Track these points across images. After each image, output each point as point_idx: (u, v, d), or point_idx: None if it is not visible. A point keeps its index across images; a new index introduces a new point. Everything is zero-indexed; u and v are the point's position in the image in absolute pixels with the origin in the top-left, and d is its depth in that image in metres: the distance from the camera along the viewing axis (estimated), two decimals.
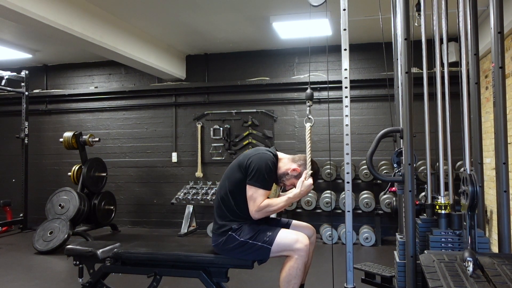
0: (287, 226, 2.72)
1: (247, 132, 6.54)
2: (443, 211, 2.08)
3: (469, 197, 1.87)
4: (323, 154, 6.16)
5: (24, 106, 6.77)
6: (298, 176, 2.61)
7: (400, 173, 2.25)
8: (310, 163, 2.62)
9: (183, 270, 2.66)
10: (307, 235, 2.57)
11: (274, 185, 2.71)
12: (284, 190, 2.77)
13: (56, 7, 4.20)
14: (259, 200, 2.45)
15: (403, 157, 2.20)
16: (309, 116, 2.72)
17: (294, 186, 2.62)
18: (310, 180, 2.57)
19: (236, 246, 2.48)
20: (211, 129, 6.71)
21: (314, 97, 6.33)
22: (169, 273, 2.70)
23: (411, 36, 2.18)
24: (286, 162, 2.66)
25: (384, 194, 5.52)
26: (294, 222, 2.78)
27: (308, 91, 2.73)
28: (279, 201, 2.51)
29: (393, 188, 2.54)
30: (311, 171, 2.60)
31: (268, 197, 2.52)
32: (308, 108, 2.73)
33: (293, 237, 2.44)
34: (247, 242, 2.46)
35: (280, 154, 2.70)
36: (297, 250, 2.39)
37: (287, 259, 2.44)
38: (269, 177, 2.52)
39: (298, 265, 2.39)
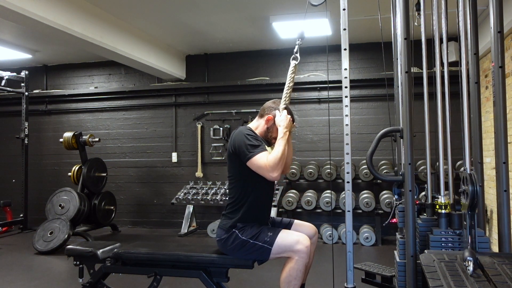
0: (289, 225, 2.71)
1: None
2: (443, 211, 2.08)
3: (469, 196, 1.87)
4: (323, 154, 6.17)
5: (24, 106, 6.77)
6: None
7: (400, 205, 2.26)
8: (284, 100, 2.63)
9: (183, 270, 2.66)
10: (309, 235, 2.57)
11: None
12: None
13: (56, 7, 4.20)
14: (263, 162, 2.39)
15: (403, 156, 2.20)
16: (296, 55, 2.81)
17: None
18: (284, 112, 2.59)
19: (237, 244, 2.48)
20: (211, 129, 6.71)
21: (314, 97, 6.34)
22: (170, 273, 2.70)
23: (411, 35, 2.18)
24: (258, 124, 2.67)
25: (385, 224, 5.45)
26: (296, 221, 2.77)
27: (301, 30, 2.84)
28: (277, 148, 2.46)
29: (394, 220, 2.52)
30: (284, 106, 2.62)
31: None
32: (297, 46, 2.84)
33: (293, 238, 2.42)
34: (248, 242, 2.45)
35: (250, 124, 2.71)
36: (298, 252, 2.38)
37: (288, 260, 2.43)
38: (256, 139, 2.49)
39: (298, 266, 2.38)
